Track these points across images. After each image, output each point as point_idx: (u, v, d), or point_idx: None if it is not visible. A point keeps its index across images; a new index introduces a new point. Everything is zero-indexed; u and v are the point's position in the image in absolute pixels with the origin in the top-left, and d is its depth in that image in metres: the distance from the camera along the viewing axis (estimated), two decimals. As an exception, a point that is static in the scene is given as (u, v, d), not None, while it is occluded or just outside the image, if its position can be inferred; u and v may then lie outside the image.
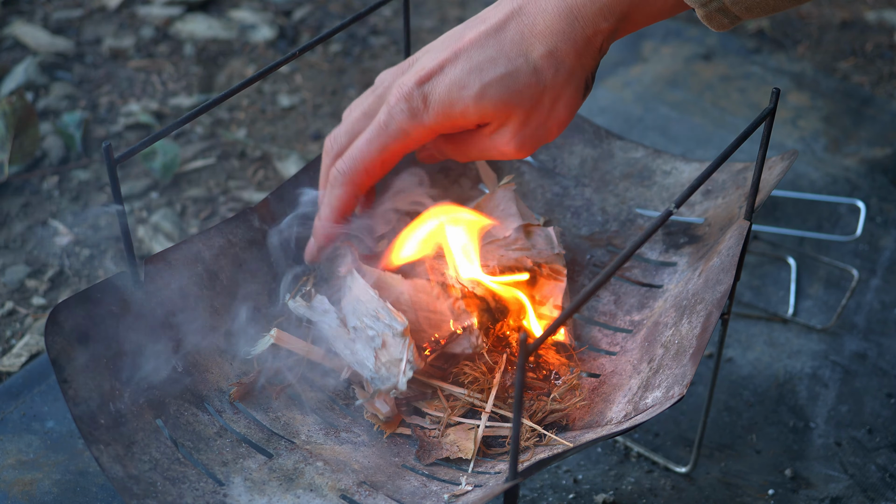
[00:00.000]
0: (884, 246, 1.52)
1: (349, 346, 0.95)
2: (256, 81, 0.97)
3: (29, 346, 1.33)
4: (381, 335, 0.93)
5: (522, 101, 0.91)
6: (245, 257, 1.02)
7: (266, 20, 2.07)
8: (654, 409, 0.85)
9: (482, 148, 0.97)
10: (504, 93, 0.90)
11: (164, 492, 0.84)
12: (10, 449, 1.16)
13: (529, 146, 0.95)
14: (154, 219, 1.56)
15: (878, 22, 2.11)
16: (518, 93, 0.90)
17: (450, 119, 0.93)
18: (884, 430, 1.23)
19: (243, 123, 1.79)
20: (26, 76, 1.83)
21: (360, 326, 0.95)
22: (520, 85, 0.90)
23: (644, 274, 1.08)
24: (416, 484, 0.91)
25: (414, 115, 0.93)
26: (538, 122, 0.93)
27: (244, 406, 0.95)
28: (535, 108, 0.92)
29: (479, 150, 0.97)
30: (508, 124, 0.93)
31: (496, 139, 0.95)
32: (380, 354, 0.93)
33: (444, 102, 0.92)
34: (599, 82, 1.90)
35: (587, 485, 1.15)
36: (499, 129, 0.94)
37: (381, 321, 0.94)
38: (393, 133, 0.94)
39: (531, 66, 0.90)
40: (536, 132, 0.94)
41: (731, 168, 1.10)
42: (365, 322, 0.94)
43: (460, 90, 0.91)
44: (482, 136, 0.96)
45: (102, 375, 0.87)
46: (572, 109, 0.94)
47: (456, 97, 0.91)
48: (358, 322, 0.95)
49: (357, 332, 0.95)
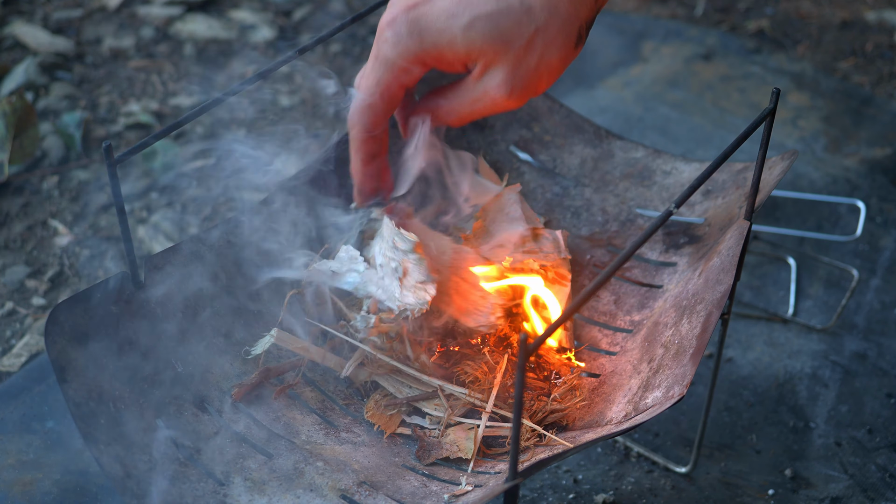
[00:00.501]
0: (884, 246, 1.52)
1: (380, 284, 0.97)
2: (256, 81, 0.97)
3: (29, 346, 1.33)
4: (402, 263, 0.94)
5: (513, 39, 0.88)
6: (245, 257, 1.02)
7: (266, 20, 2.07)
8: (654, 409, 0.85)
9: (473, 98, 0.94)
10: (494, 28, 0.88)
11: (164, 492, 0.84)
12: (10, 449, 1.16)
13: (519, 92, 0.92)
14: (154, 219, 1.56)
15: (878, 22, 2.11)
16: (508, 30, 0.88)
17: (437, 48, 0.90)
18: (884, 430, 1.23)
19: (243, 123, 1.79)
20: (26, 76, 1.83)
21: (384, 262, 0.96)
22: (511, 22, 0.88)
23: (644, 274, 1.08)
24: (416, 484, 0.91)
25: (398, 42, 0.90)
26: (529, 67, 0.90)
27: (244, 406, 0.95)
28: (526, 49, 0.89)
29: (470, 101, 0.94)
30: (498, 65, 0.90)
31: (486, 82, 0.92)
32: (404, 282, 0.94)
33: (430, 29, 0.89)
34: (599, 82, 1.90)
35: (587, 485, 1.15)
36: (488, 70, 0.91)
37: (399, 249, 0.95)
38: (382, 62, 0.92)
39: (524, 6, 0.88)
40: (527, 77, 0.91)
41: (731, 168, 1.10)
42: (388, 255, 0.96)
43: (448, 19, 0.88)
44: (471, 82, 0.93)
45: (102, 375, 0.87)
46: (565, 59, 0.91)
47: (443, 25, 0.89)
48: (382, 258, 0.96)
49: (384, 269, 0.96)
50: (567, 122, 1.20)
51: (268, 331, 0.98)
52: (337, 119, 1.81)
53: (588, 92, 1.87)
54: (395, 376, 1.00)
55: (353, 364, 0.99)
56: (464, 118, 0.98)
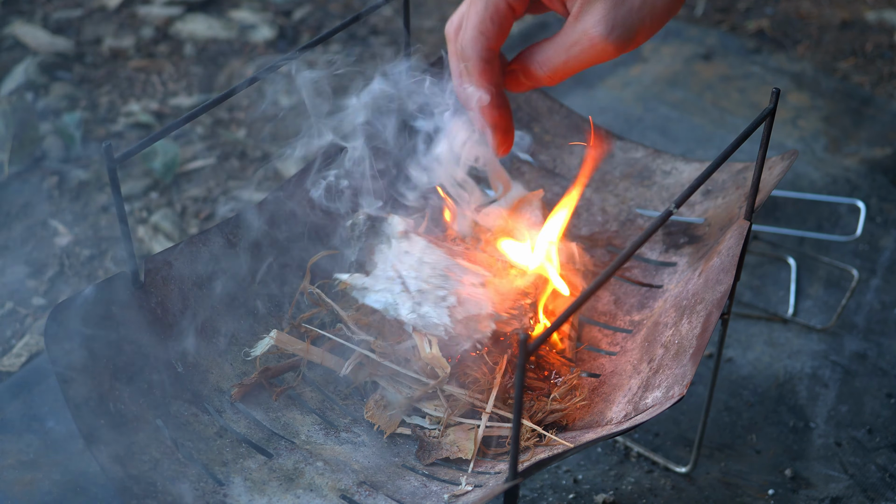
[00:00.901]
0: (884, 246, 1.52)
1: (416, 309, 0.95)
2: (256, 81, 0.97)
3: (29, 346, 1.33)
4: (454, 292, 0.93)
5: None
6: (245, 257, 1.02)
7: (266, 20, 2.07)
8: (654, 409, 0.85)
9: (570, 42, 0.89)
10: None
11: (164, 492, 0.84)
12: (10, 449, 1.16)
13: (619, 32, 0.87)
14: (154, 219, 1.56)
15: (878, 22, 2.11)
16: None
17: None
18: (884, 430, 1.23)
19: (243, 123, 1.79)
20: (26, 76, 1.82)
21: (426, 288, 0.94)
22: None
23: (644, 274, 1.08)
24: (416, 484, 0.91)
25: None
26: (632, 5, 0.86)
27: (244, 406, 0.95)
28: None
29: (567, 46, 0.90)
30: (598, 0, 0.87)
31: (584, 20, 0.87)
32: (455, 312, 0.93)
33: None
34: (599, 82, 1.90)
35: (587, 485, 1.15)
36: (586, 6, 0.87)
37: (453, 279, 0.93)
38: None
39: None
40: (629, 16, 0.87)
41: (731, 168, 1.10)
42: (433, 283, 0.94)
43: None
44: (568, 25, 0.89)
45: (102, 375, 0.87)
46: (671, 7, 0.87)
47: None
48: (424, 284, 0.94)
49: (424, 295, 0.95)
50: (567, 122, 1.20)
51: (268, 331, 0.98)
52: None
53: (588, 92, 1.87)
54: (395, 377, 1.00)
55: (353, 364, 0.98)
56: (558, 70, 0.93)
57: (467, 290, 0.94)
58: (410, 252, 0.96)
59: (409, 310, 0.95)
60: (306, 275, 1.04)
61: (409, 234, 0.98)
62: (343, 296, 1.02)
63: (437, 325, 0.94)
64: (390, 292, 0.96)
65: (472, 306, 0.93)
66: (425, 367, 0.97)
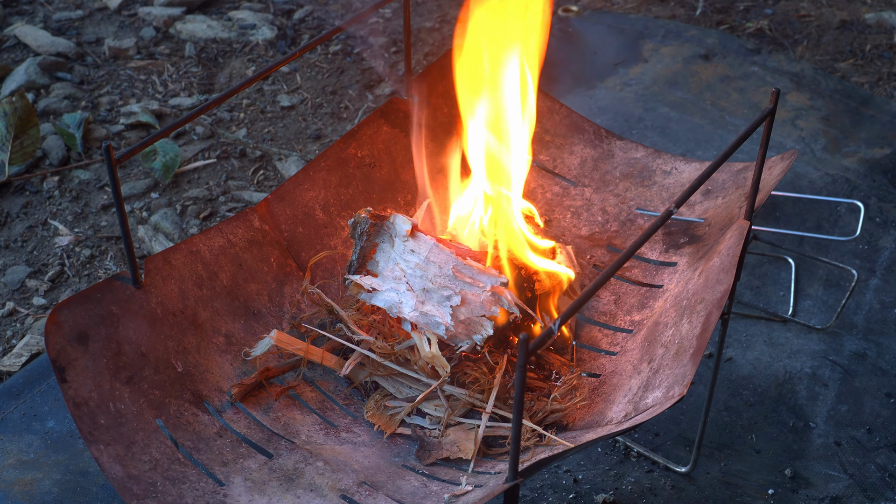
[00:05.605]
0: (883, 246, 1.52)
1: (419, 308, 0.96)
2: (256, 81, 0.97)
3: (29, 346, 1.34)
4: (460, 293, 0.94)
5: None
6: (245, 257, 1.02)
7: (266, 20, 2.07)
8: (654, 409, 0.85)
9: None
10: None
11: (164, 492, 0.84)
12: (10, 449, 1.16)
13: None
14: (154, 219, 1.56)
15: (877, 22, 2.11)
16: None
17: None
18: (883, 430, 1.23)
19: (243, 123, 1.79)
20: (27, 76, 1.83)
21: (431, 287, 0.96)
22: None
23: (644, 274, 1.08)
24: (416, 484, 0.91)
25: None
26: None
27: (244, 406, 0.95)
28: None
29: None
30: None
31: None
32: (457, 312, 0.94)
33: None
34: (599, 82, 1.90)
35: (587, 484, 1.15)
36: None
37: (461, 280, 0.94)
38: None
39: None
40: None
41: (731, 168, 1.10)
42: (439, 282, 0.95)
43: None
44: None
45: (102, 375, 0.87)
46: None
47: None
48: (429, 283, 0.96)
49: (428, 294, 0.96)
50: (567, 122, 1.20)
51: (268, 331, 0.98)
52: (336, 119, 1.81)
53: (588, 92, 1.87)
54: (395, 377, 1.00)
55: (353, 364, 0.99)
56: None
57: (473, 291, 0.95)
58: (417, 251, 0.97)
59: (411, 308, 0.96)
60: (306, 275, 1.04)
61: (417, 233, 0.98)
62: (344, 296, 1.02)
63: (439, 324, 0.94)
64: (396, 291, 0.97)
65: (476, 307, 0.94)
66: (425, 366, 0.97)
